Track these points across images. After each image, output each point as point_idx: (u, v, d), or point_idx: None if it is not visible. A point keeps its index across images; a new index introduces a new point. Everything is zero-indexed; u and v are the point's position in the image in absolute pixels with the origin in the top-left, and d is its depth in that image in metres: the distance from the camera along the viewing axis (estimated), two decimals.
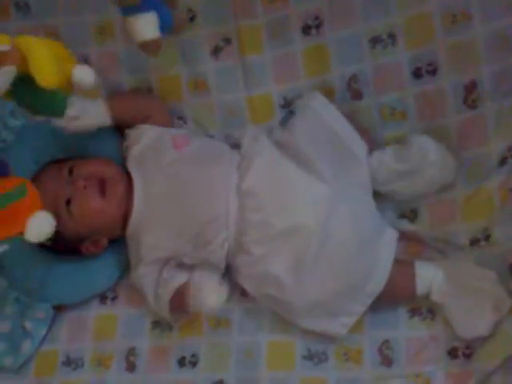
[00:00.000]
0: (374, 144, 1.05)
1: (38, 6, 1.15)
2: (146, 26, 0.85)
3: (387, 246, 0.97)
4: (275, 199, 0.98)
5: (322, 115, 1.03)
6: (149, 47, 0.85)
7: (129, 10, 0.86)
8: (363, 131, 1.04)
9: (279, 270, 0.97)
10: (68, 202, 1.03)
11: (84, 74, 0.77)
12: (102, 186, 1.03)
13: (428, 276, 0.97)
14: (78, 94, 1.02)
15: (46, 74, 0.74)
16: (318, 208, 0.97)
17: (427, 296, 0.97)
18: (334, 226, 0.96)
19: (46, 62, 0.74)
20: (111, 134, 1.18)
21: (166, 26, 0.90)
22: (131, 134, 1.14)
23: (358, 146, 1.02)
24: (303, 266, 0.95)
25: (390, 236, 0.99)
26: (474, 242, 0.98)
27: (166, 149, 1.07)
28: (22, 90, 0.78)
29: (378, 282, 0.95)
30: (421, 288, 0.97)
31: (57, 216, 1.00)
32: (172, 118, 1.16)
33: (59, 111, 0.83)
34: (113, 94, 1.14)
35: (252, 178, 1.00)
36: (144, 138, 1.11)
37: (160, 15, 0.88)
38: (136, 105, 1.14)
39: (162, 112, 1.14)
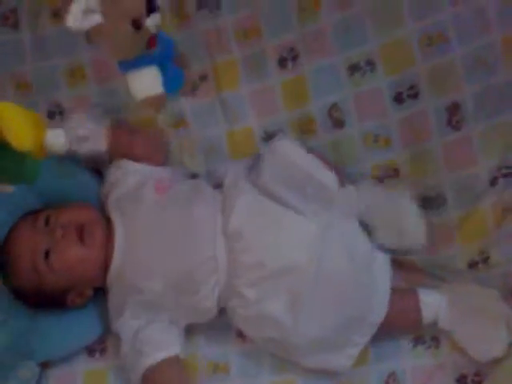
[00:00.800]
0: (343, 177, 1.04)
1: (5, 53, 1.13)
2: (145, 82, 0.81)
3: (382, 270, 0.96)
4: (264, 239, 0.96)
5: (288, 156, 1.01)
6: (150, 104, 0.82)
7: (126, 66, 0.82)
8: (330, 166, 1.02)
9: (276, 312, 0.94)
10: (47, 255, 0.99)
11: (56, 138, 0.76)
12: (81, 232, 1.00)
13: (433, 303, 0.95)
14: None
15: (20, 136, 0.73)
16: (309, 245, 0.95)
17: (434, 324, 0.95)
18: (327, 260, 0.94)
19: (21, 126, 0.73)
20: (89, 177, 1.15)
21: (175, 84, 0.87)
22: (111, 176, 1.10)
23: (329, 178, 1.00)
24: (300, 304, 0.93)
25: (383, 260, 0.98)
26: (473, 265, 0.98)
27: (147, 193, 1.04)
28: None
29: (379, 309, 0.93)
30: (427, 316, 0.95)
31: (36, 270, 0.99)
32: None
33: (30, 177, 0.80)
34: (116, 125, 1.08)
35: (237, 219, 0.97)
36: (125, 182, 1.08)
37: (167, 72, 0.84)
38: (136, 142, 1.10)
39: (160, 152, 1.11)
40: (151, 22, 0.77)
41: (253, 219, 0.97)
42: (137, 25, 0.75)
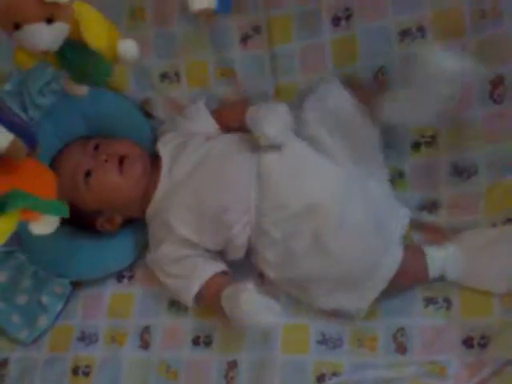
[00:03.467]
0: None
1: None
2: None
3: (399, 227, 0.98)
4: (290, 181, 1.00)
5: (339, 103, 1.03)
6: (201, 15, 0.85)
7: None
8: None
9: (301, 250, 0.97)
10: (87, 174, 1.06)
11: (129, 47, 0.80)
12: (122, 162, 1.06)
13: (438, 256, 0.97)
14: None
15: (96, 36, 0.76)
16: (334, 187, 0.99)
17: (442, 278, 0.97)
18: (350, 206, 0.97)
19: (96, 25, 0.77)
20: (140, 119, 1.21)
21: (226, 5, 0.91)
22: (168, 122, 1.18)
23: (373, 136, 1.03)
24: (322, 244, 0.96)
25: (404, 213, 1.01)
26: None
27: (196, 139, 1.10)
28: (70, 53, 0.80)
29: (393, 258, 0.96)
30: (433, 270, 0.97)
31: (75, 187, 1.05)
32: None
33: (103, 79, 0.85)
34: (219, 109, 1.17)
35: (268, 162, 1.01)
36: (179, 128, 1.15)
37: None
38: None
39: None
40: None
41: (281, 162, 1.01)
42: None
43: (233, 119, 1.14)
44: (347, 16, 1.07)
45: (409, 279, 0.99)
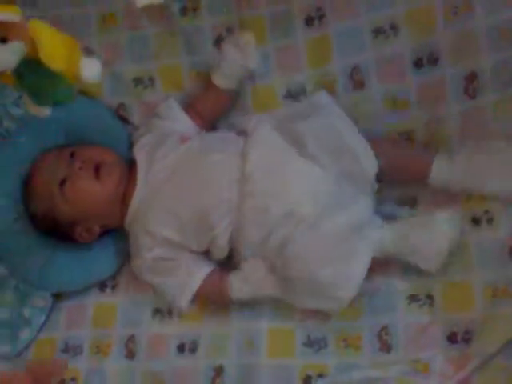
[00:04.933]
0: None
1: None
2: None
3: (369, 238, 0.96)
4: (272, 185, 0.99)
5: (335, 121, 1.03)
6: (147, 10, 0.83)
7: None
8: None
9: (272, 252, 0.98)
10: (62, 183, 1.04)
11: (91, 67, 0.77)
12: (97, 169, 1.05)
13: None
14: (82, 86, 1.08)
15: (54, 55, 0.73)
16: (316, 192, 0.98)
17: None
18: (329, 212, 0.97)
19: (55, 44, 0.74)
20: (115, 125, 1.20)
21: None
22: (143, 125, 1.17)
23: (370, 162, 1.01)
24: (288, 247, 0.96)
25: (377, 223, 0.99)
26: (476, 221, 0.98)
27: (172, 140, 1.08)
28: (27, 74, 0.77)
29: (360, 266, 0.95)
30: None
31: (51, 197, 1.05)
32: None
33: (64, 98, 0.83)
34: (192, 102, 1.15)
35: (251, 163, 1.00)
36: (154, 130, 1.13)
37: None
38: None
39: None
40: None
41: (265, 164, 1.00)
42: None
43: (208, 108, 1.13)
44: (320, 16, 1.07)
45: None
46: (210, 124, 1.15)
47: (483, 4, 0.96)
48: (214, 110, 1.14)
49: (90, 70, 0.77)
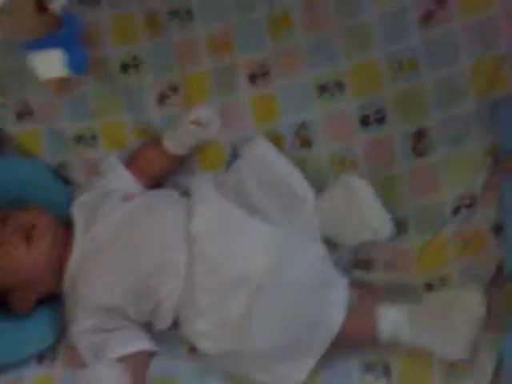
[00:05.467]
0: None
1: None
2: (48, 63, 0.80)
3: (338, 293, 0.93)
4: (220, 246, 0.95)
5: (266, 160, 1.02)
6: (50, 86, 0.80)
7: (30, 46, 0.80)
8: None
9: (230, 319, 0.92)
10: None
11: None
12: (29, 234, 1.00)
13: (392, 321, 0.91)
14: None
15: None
16: (268, 253, 0.93)
17: (394, 341, 0.91)
18: (285, 272, 0.92)
19: None
20: (54, 184, 1.16)
21: (79, 66, 0.85)
22: (84, 183, 1.13)
23: (304, 188, 1.00)
24: (253, 313, 0.90)
25: (340, 283, 0.95)
26: (430, 287, 0.95)
27: (113, 200, 1.04)
28: None
29: (330, 327, 0.90)
30: (385, 335, 0.91)
31: None
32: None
33: None
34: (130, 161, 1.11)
35: (196, 224, 0.96)
36: (93, 188, 1.09)
37: (72, 53, 0.83)
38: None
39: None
40: (56, 3, 0.75)
41: (211, 226, 0.96)
42: (41, 7, 0.73)
43: (154, 169, 1.10)
44: (264, 73, 1.05)
45: (354, 340, 0.94)
46: (153, 182, 1.12)
47: (427, 60, 0.96)
48: (159, 170, 1.10)
49: None
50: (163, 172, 1.11)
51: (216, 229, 0.96)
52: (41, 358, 1.08)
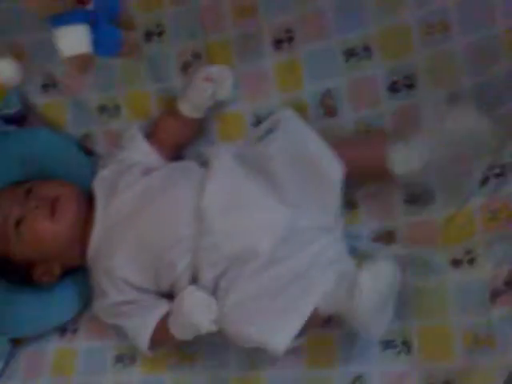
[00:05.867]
0: None
1: (3, 22, 1.12)
2: (72, 39, 0.76)
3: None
4: (227, 223, 0.93)
5: (300, 138, 0.97)
6: (75, 63, 0.77)
7: (56, 20, 0.76)
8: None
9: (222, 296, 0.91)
10: (18, 224, 0.98)
11: (4, 68, 0.70)
12: (54, 206, 0.99)
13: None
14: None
15: None
16: (271, 234, 0.91)
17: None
18: (283, 253, 0.90)
19: None
20: (79, 156, 1.15)
21: (108, 46, 0.81)
22: (106, 156, 1.11)
23: (336, 170, 0.94)
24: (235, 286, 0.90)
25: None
26: (456, 263, 0.91)
27: (133, 174, 1.03)
28: None
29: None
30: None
31: (6, 238, 0.98)
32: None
33: None
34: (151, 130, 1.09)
35: (206, 200, 0.94)
36: (114, 162, 1.08)
37: (101, 32, 0.78)
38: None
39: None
40: None
41: (220, 201, 0.94)
42: None
43: (171, 137, 1.08)
44: (289, 38, 1.01)
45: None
46: (174, 153, 1.09)
47: (459, 22, 0.91)
48: (178, 139, 1.08)
49: (4, 71, 0.70)
50: (182, 140, 1.09)
51: (224, 205, 0.94)
52: (63, 330, 1.09)
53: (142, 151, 1.07)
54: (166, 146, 1.08)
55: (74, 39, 0.74)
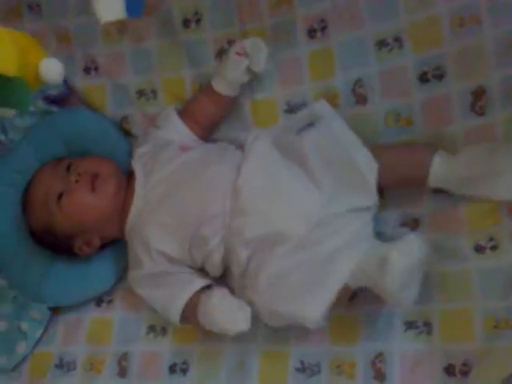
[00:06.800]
0: None
1: (49, 7, 1.16)
2: (108, 5, 0.81)
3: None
4: (258, 203, 0.96)
5: (339, 136, 0.99)
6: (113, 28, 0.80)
7: None
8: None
9: (253, 276, 0.94)
10: (59, 197, 1.03)
11: (50, 68, 0.74)
12: (94, 181, 1.03)
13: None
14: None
15: (4, 60, 0.69)
16: (301, 220, 0.94)
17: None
18: (313, 239, 0.92)
19: (4, 47, 0.69)
20: (118, 137, 1.19)
21: (134, 8, 0.85)
22: (142, 136, 1.16)
23: (371, 171, 0.96)
24: (266, 265, 0.92)
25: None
26: (479, 249, 0.93)
27: (171, 150, 1.06)
28: None
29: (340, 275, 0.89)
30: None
31: (49, 211, 1.03)
32: None
33: (17, 104, 0.80)
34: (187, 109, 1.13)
35: (242, 180, 0.97)
36: (151, 140, 1.11)
37: None
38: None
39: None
40: None
41: (256, 181, 0.97)
42: None
43: (206, 116, 1.11)
44: (323, 27, 1.03)
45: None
46: (208, 132, 1.13)
47: (491, 16, 0.92)
48: (213, 117, 1.11)
49: (50, 70, 0.73)
50: (216, 119, 1.12)
51: (260, 185, 0.97)
52: (99, 301, 1.14)
53: (177, 130, 1.10)
54: (199, 125, 1.11)
55: (110, 5, 0.79)
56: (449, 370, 0.87)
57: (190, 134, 1.11)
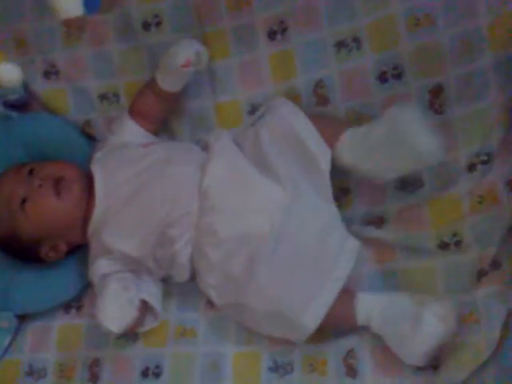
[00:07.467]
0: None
1: (5, 10, 1.15)
2: (65, 2, 0.81)
3: (348, 254, 0.94)
4: (227, 202, 0.97)
5: (290, 121, 1.00)
6: (72, 25, 0.79)
7: None
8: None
9: (237, 273, 0.94)
10: (23, 202, 1.02)
11: (8, 72, 0.74)
12: (57, 185, 1.03)
13: (367, 307, 0.92)
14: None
15: None
16: (273, 213, 0.95)
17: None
18: (290, 230, 0.94)
19: None
20: (80, 141, 1.19)
21: (93, 4, 0.85)
22: (100, 141, 1.15)
23: (323, 155, 0.98)
24: (259, 268, 0.93)
25: (352, 245, 0.95)
26: (443, 246, 0.96)
27: (132, 149, 1.07)
28: None
29: (338, 277, 0.91)
30: (361, 319, 0.93)
31: (12, 217, 1.02)
32: None
33: None
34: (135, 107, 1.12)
35: (208, 179, 0.98)
36: (109, 145, 1.12)
37: None
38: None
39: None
40: None
41: (222, 181, 0.98)
42: None
43: (147, 106, 1.10)
44: (283, 29, 1.04)
45: (337, 323, 0.95)
46: (160, 125, 1.14)
47: (445, 15, 0.95)
48: (160, 112, 1.12)
49: (7, 75, 0.73)
50: (164, 113, 1.12)
51: (226, 184, 0.98)
52: (68, 307, 1.13)
53: (131, 132, 1.11)
54: (148, 120, 1.12)
55: (67, 2, 0.79)
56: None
57: (144, 132, 1.11)
